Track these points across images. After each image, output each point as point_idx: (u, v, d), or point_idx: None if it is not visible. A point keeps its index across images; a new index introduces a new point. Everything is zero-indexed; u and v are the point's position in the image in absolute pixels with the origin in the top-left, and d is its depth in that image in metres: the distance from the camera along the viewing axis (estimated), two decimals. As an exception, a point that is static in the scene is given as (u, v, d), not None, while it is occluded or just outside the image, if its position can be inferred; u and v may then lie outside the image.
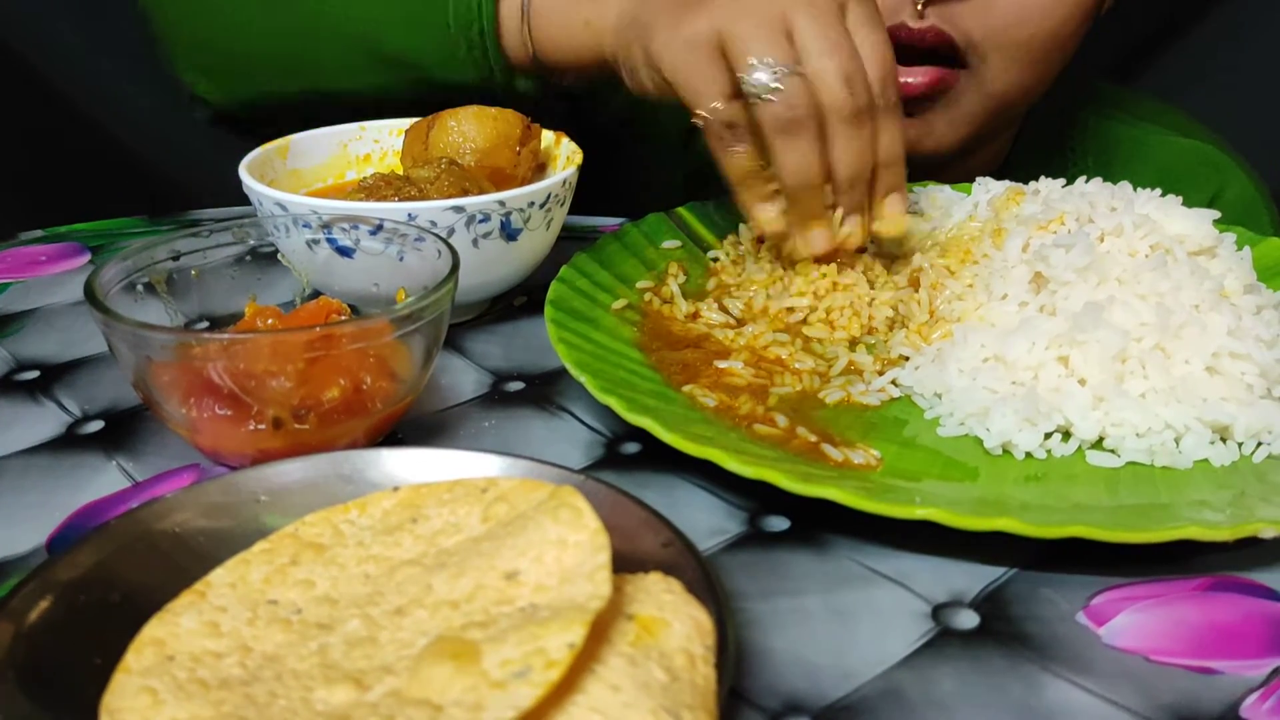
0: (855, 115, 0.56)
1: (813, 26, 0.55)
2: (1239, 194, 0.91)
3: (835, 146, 0.57)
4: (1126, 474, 0.49)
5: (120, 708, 0.32)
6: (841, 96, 0.55)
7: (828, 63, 0.55)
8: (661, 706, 0.30)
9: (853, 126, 0.56)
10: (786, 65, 0.55)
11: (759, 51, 0.55)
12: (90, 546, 0.38)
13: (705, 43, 0.57)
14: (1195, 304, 0.54)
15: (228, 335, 0.47)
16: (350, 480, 0.42)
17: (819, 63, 0.55)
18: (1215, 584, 0.44)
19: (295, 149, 0.69)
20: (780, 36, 0.55)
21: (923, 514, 0.43)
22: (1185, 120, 0.95)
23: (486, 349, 0.63)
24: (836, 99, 0.55)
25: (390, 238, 0.55)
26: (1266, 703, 0.38)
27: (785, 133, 0.56)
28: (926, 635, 0.41)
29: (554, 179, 0.62)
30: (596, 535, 0.35)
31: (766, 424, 0.52)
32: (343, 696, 0.32)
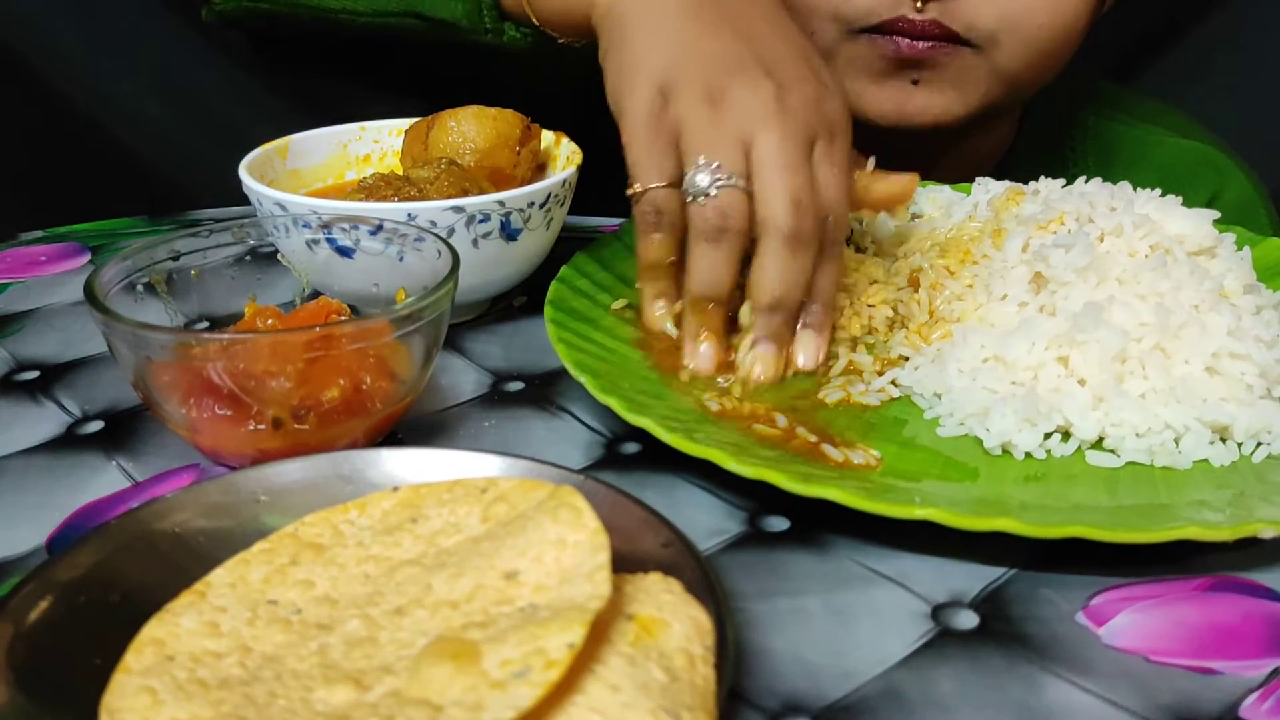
0: (795, 238, 0.54)
1: (773, 144, 0.54)
2: (1238, 195, 0.91)
3: (766, 266, 0.54)
4: (1126, 474, 0.49)
5: (120, 708, 0.32)
6: (783, 215, 0.53)
7: (778, 181, 0.53)
8: (661, 707, 0.30)
9: (789, 249, 0.54)
10: (730, 175, 0.53)
11: (711, 154, 0.54)
12: (90, 546, 0.38)
13: (668, 125, 0.55)
14: (1195, 304, 0.54)
15: (228, 335, 0.47)
16: (350, 480, 0.43)
17: (769, 178, 0.53)
18: (1215, 584, 0.44)
19: (295, 149, 0.69)
20: (737, 146, 0.54)
21: (923, 514, 0.43)
22: (1185, 121, 0.95)
23: (486, 349, 0.63)
24: (777, 217, 0.53)
25: (390, 238, 0.55)
26: (1266, 703, 0.38)
27: (708, 239, 0.54)
28: (926, 635, 0.41)
29: (554, 179, 0.62)
30: (596, 535, 0.35)
31: (766, 424, 0.52)
32: (343, 697, 0.32)
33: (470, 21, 0.74)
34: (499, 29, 0.73)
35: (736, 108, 0.54)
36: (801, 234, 0.54)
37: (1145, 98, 0.98)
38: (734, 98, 0.54)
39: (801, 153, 0.54)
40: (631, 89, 0.57)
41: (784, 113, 0.54)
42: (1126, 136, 0.93)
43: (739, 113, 0.54)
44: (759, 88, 0.55)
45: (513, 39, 0.74)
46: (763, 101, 0.54)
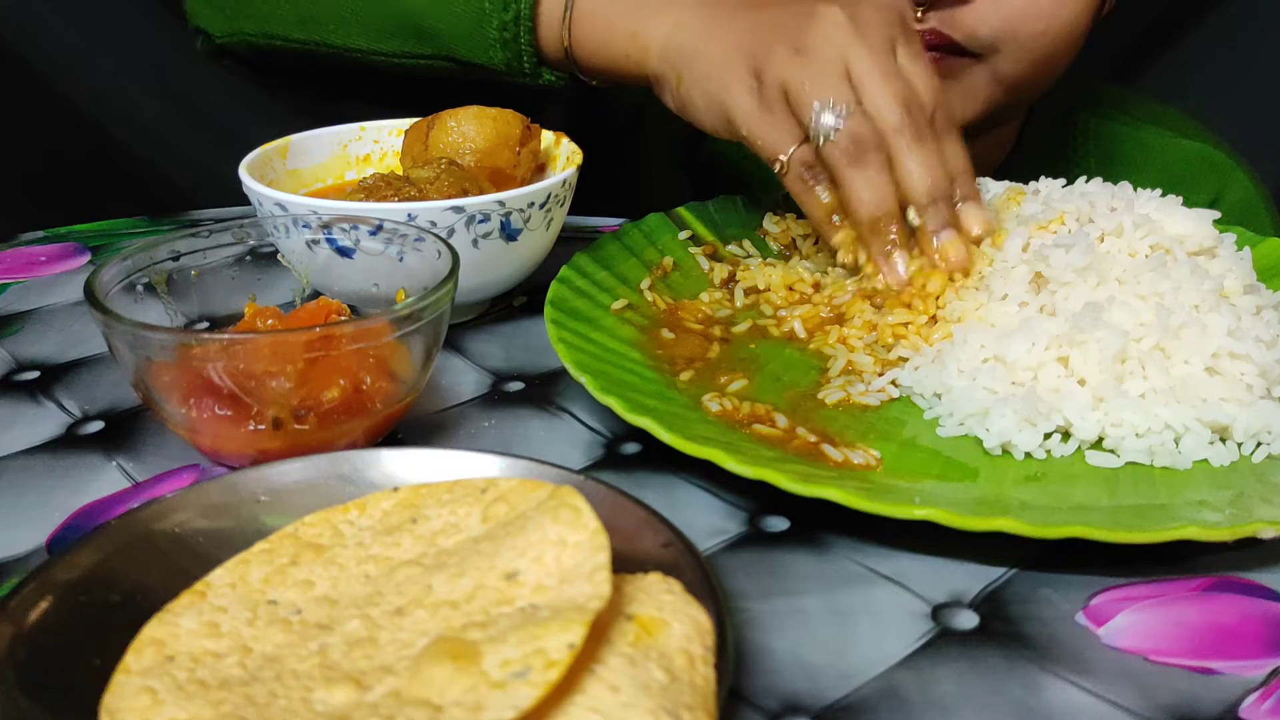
0: (918, 134, 0.58)
1: (867, 63, 0.58)
2: (1240, 196, 0.91)
3: (906, 168, 0.58)
4: (1126, 474, 0.49)
5: (120, 708, 0.32)
6: (901, 118, 0.58)
7: (885, 91, 0.58)
8: (661, 707, 0.30)
9: (918, 145, 0.58)
10: (847, 104, 0.58)
11: (821, 95, 0.58)
12: (90, 547, 0.38)
13: (772, 95, 0.59)
14: (1195, 304, 0.54)
15: (228, 335, 0.47)
16: (350, 480, 0.43)
17: (878, 94, 0.58)
18: (1215, 584, 0.44)
19: (295, 149, 0.69)
20: (839, 79, 0.58)
21: (923, 514, 0.43)
22: (1186, 121, 0.95)
23: (486, 349, 0.63)
24: (897, 122, 0.58)
25: (390, 238, 0.55)
26: (1266, 703, 0.38)
27: (853, 164, 0.58)
28: (926, 636, 0.41)
29: (554, 179, 0.62)
30: (596, 535, 0.35)
31: (766, 424, 0.52)
32: (343, 697, 0.32)
33: (508, 67, 0.74)
34: (536, 74, 0.74)
35: (821, 46, 0.59)
36: (919, 127, 0.58)
37: (1146, 98, 0.98)
38: (814, 39, 0.59)
39: (890, 59, 0.59)
40: (727, 90, 0.61)
41: (861, 29, 0.59)
42: (1128, 137, 0.93)
43: (825, 49, 0.59)
44: (829, 20, 0.59)
45: (549, 82, 0.75)
46: (839, 29, 0.59)
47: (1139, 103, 0.96)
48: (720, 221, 0.73)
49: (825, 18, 0.60)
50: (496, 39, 0.72)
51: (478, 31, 0.73)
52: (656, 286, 0.65)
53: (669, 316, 0.62)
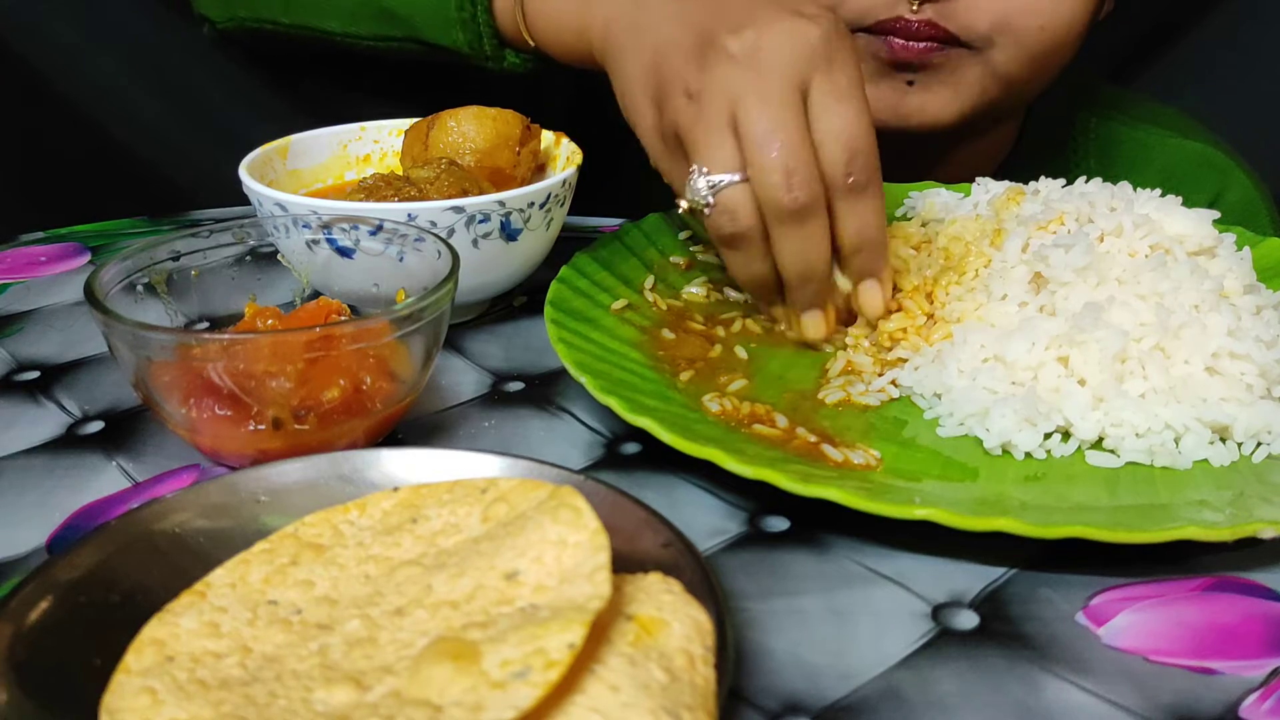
0: (795, 214, 0.52)
1: (756, 114, 0.51)
2: (1240, 196, 0.90)
3: (779, 248, 0.54)
4: (1126, 474, 0.49)
5: (120, 708, 0.32)
6: (778, 195, 0.51)
7: (766, 156, 0.51)
8: (661, 707, 0.30)
9: (794, 225, 0.52)
10: (722, 174, 0.52)
11: (700, 159, 0.52)
12: (90, 547, 0.38)
13: (670, 138, 0.55)
14: (1195, 304, 0.54)
15: (228, 335, 0.47)
16: (350, 480, 0.43)
17: (754, 157, 0.51)
18: (1215, 584, 0.44)
19: (295, 149, 0.69)
20: (722, 135, 0.52)
21: (923, 514, 0.43)
22: (1186, 121, 0.95)
23: (486, 349, 0.63)
24: (772, 198, 0.51)
25: (390, 238, 0.55)
26: (1266, 703, 0.38)
27: (726, 245, 0.55)
28: (926, 636, 0.41)
29: (554, 179, 0.62)
30: (596, 535, 0.35)
31: (766, 424, 0.52)
32: (343, 697, 0.32)
33: (471, 49, 0.74)
34: (499, 55, 0.74)
35: (711, 91, 0.52)
36: (801, 207, 0.51)
37: (1146, 98, 0.98)
38: (708, 80, 0.52)
39: (786, 111, 0.51)
40: (633, 109, 0.57)
41: (757, 72, 0.51)
42: (1128, 137, 0.92)
43: (716, 95, 0.52)
44: (727, 57, 0.52)
45: (512, 64, 0.74)
46: (735, 71, 0.51)
47: (1139, 103, 0.96)
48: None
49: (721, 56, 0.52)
50: (456, 19, 0.72)
51: (439, 12, 0.72)
52: (657, 287, 0.65)
53: (669, 316, 0.62)
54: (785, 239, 0.53)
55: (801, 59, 0.51)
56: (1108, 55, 1.13)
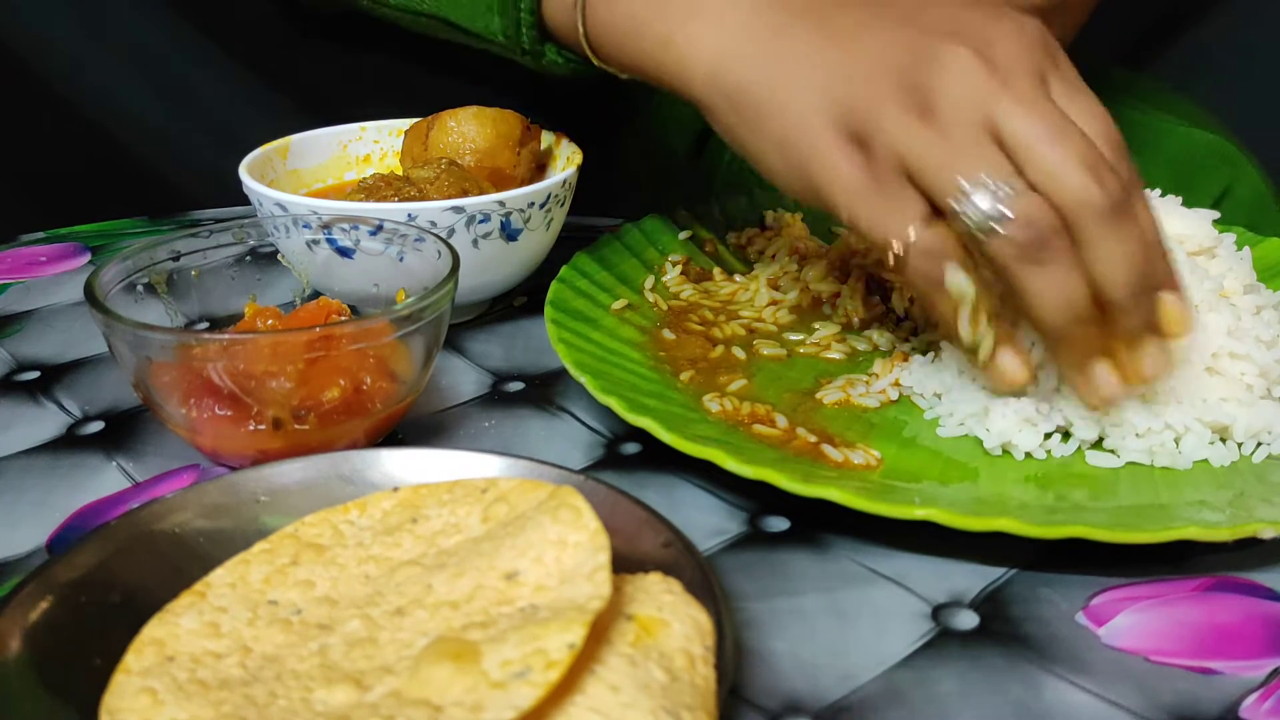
0: (1114, 209, 0.44)
1: (1025, 121, 0.44)
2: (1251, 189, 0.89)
3: (1101, 257, 0.44)
4: (1126, 474, 0.49)
5: (120, 708, 0.32)
6: (1091, 192, 0.43)
7: (1059, 155, 0.43)
8: (661, 707, 0.30)
9: (1116, 221, 0.44)
10: (1008, 181, 0.44)
11: (969, 172, 0.44)
12: (90, 547, 0.38)
13: (885, 168, 0.46)
14: (1195, 304, 0.54)
15: (228, 336, 0.47)
16: (350, 480, 0.43)
17: (1048, 159, 0.43)
18: (1215, 584, 0.44)
19: (295, 149, 0.69)
20: (987, 146, 0.44)
21: (923, 514, 0.43)
22: (1197, 111, 0.93)
23: (486, 349, 0.63)
24: (1087, 196, 0.43)
25: (390, 238, 0.55)
26: (1266, 703, 0.38)
27: (1034, 262, 0.44)
28: (926, 636, 0.41)
29: (554, 179, 0.62)
30: (596, 535, 0.35)
31: (766, 424, 0.52)
32: (343, 697, 0.32)
33: (506, 38, 0.64)
34: (538, 51, 0.63)
35: (953, 102, 0.45)
36: (1115, 197, 0.44)
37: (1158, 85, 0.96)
38: (941, 91, 0.45)
39: (1050, 106, 0.45)
40: (814, 152, 0.47)
41: (1004, 74, 0.45)
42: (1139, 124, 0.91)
43: (961, 107, 0.45)
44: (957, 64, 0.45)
45: (553, 63, 0.64)
46: (973, 75, 0.45)
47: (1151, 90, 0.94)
48: (721, 222, 0.73)
49: (951, 61, 0.45)
50: (494, 3, 0.62)
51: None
52: (657, 287, 0.65)
53: (669, 316, 0.62)
54: (1111, 241, 0.44)
55: (1037, 55, 0.46)
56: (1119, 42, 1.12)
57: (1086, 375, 0.48)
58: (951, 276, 0.46)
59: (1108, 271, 0.45)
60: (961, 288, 0.47)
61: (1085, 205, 0.44)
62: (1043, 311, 0.46)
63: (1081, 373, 0.48)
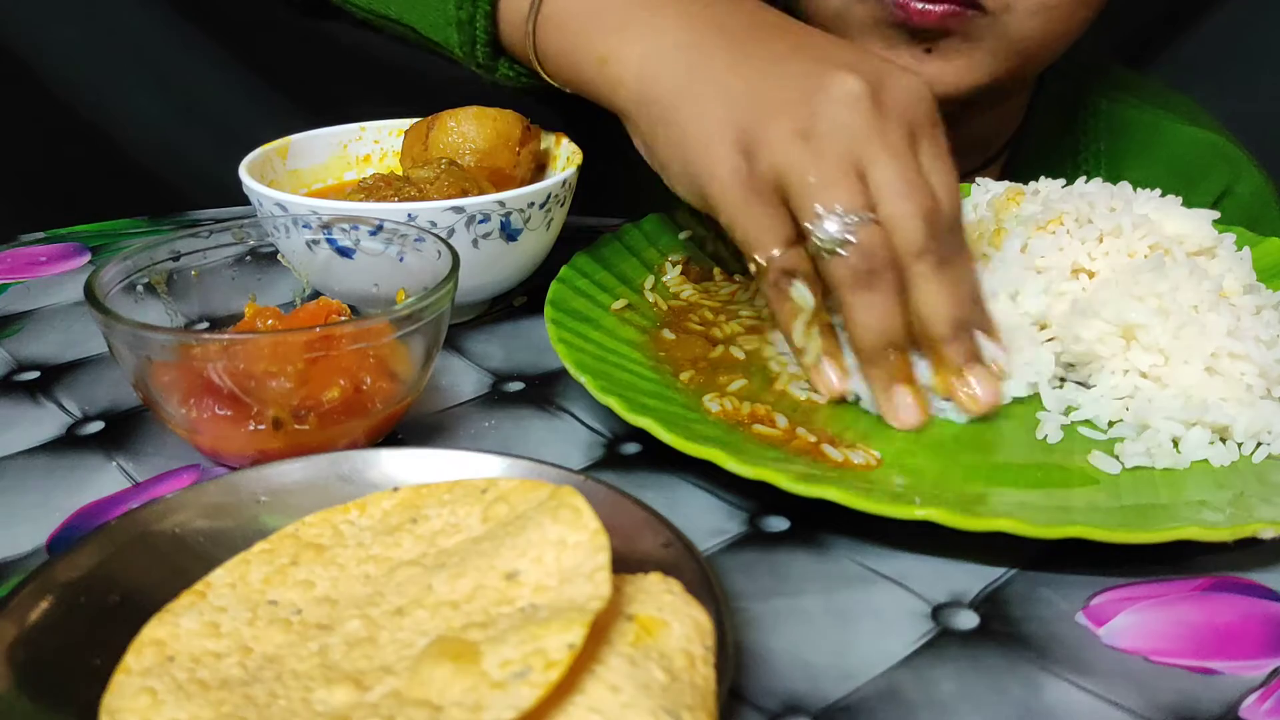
0: (941, 261, 0.50)
1: (888, 168, 0.49)
2: (1252, 189, 0.89)
3: (923, 297, 0.50)
4: (1126, 475, 0.49)
5: (120, 708, 0.32)
6: (924, 239, 0.49)
7: (906, 205, 0.49)
8: (661, 707, 0.30)
9: (940, 269, 0.50)
10: (858, 213, 0.49)
11: (828, 199, 0.49)
12: (90, 547, 0.38)
13: (763, 182, 0.50)
14: (1194, 304, 0.54)
15: (228, 336, 0.47)
16: (350, 480, 0.43)
17: (897, 206, 0.49)
18: (1215, 584, 0.44)
19: (295, 149, 0.69)
20: (850, 178, 0.49)
21: (923, 514, 0.43)
22: (1198, 110, 0.93)
23: (486, 349, 0.63)
24: (918, 242, 0.49)
25: (390, 238, 0.55)
26: (1266, 703, 0.38)
27: (863, 287, 0.50)
28: (926, 636, 0.41)
29: (554, 179, 0.62)
30: (596, 536, 0.35)
31: (766, 424, 0.52)
32: (343, 697, 0.32)
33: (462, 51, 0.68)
34: (491, 65, 0.67)
35: (832, 132, 0.50)
36: (943, 250, 0.50)
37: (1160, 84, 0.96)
38: (826, 121, 0.50)
39: (912, 161, 0.50)
40: (708, 162, 0.52)
41: (882, 117, 0.50)
42: (1140, 121, 0.91)
43: (837, 137, 0.50)
44: (846, 99, 0.50)
45: (505, 77, 0.68)
46: (858, 115, 0.50)
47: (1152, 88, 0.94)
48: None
49: (841, 94, 0.49)
50: (453, 18, 0.66)
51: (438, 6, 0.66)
52: (657, 287, 0.65)
53: (669, 316, 0.62)
54: (935, 283, 0.50)
55: (919, 113, 0.51)
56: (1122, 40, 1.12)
57: (888, 395, 0.52)
58: (797, 290, 0.52)
59: (927, 309, 0.51)
60: (803, 300, 0.52)
61: (919, 250, 0.49)
62: (861, 331, 0.51)
63: (885, 393, 0.52)
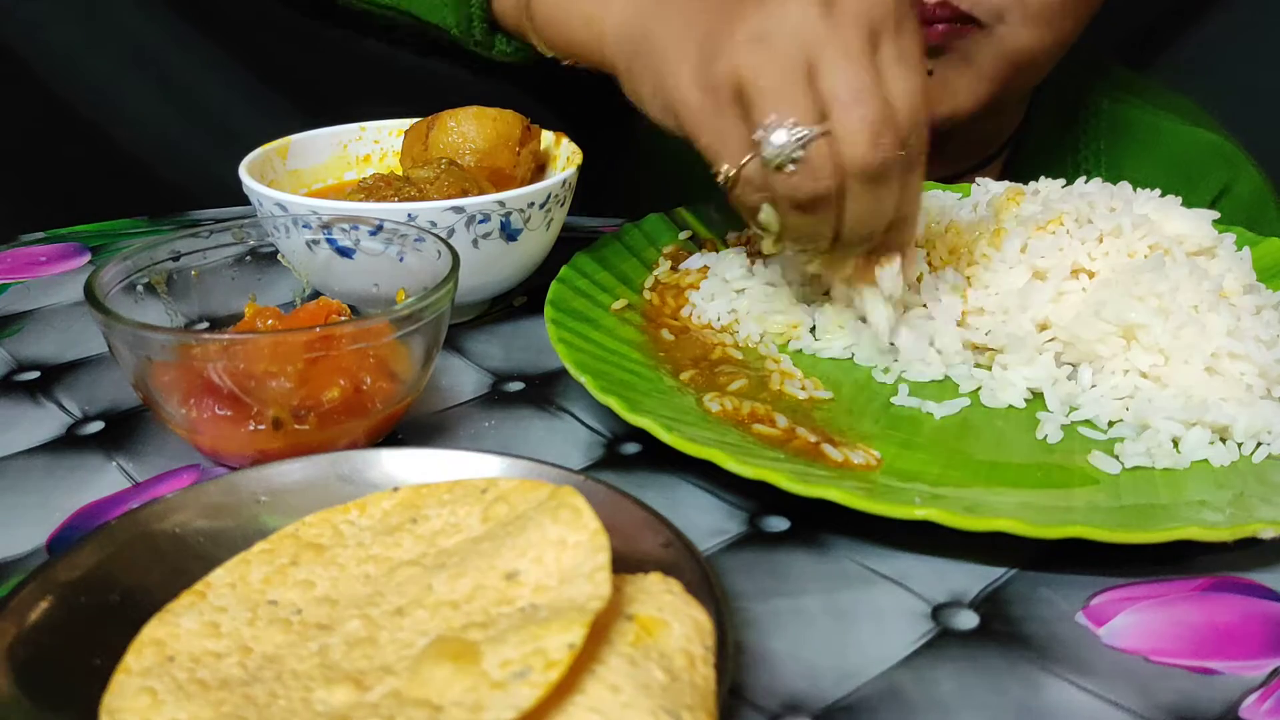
0: (878, 176, 0.50)
1: (839, 69, 0.48)
2: (1251, 189, 0.89)
3: (851, 207, 0.51)
4: (1127, 475, 0.49)
5: (120, 708, 0.32)
6: (866, 156, 0.49)
7: (854, 115, 0.48)
8: (661, 707, 0.30)
9: (873, 187, 0.50)
10: (807, 127, 0.48)
11: (778, 105, 0.49)
12: (90, 547, 0.38)
13: (724, 89, 0.50)
14: (1194, 304, 0.54)
15: (228, 336, 0.47)
16: (350, 480, 0.43)
17: (845, 115, 0.48)
18: (1215, 584, 0.44)
19: (295, 149, 0.69)
20: (801, 83, 0.49)
21: (923, 514, 0.43)
22: (1198, 111, 0.93)
23: (486, 349, 0.63)
24: (860, 159, 0.49)
25: (390, 238, 0.55)
26: (1266, 703, 0.38)
27: (803, 208, 0.51)
28: (926, 636, 0.41)
29: (554, 179, 0.62)
30: (596, 536, 0.35)
31: (766, 424, 0.52)
32: (343, 697, 0.32)
33: (459, 30, 0.71)
34: (488, 41, 0.70)
35: (784, 33, 0.48)
36: (884, 168, 0.49)
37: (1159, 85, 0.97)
38: (778, 22, 0.49)
39: (867, 65, 0.49)
40: (673, 79, 0.52)
41: (835, 21, 0.48)
42: (1139, 122, 0.91)
43: (788, 38, 0.48)
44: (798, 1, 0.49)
45: (502, 52, 0.71)
46: (808, 14, 0.48)
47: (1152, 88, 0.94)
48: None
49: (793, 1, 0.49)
50: None
51: None
52: (658, 286, 0.65)
53: (670, 317, 0.62)
54: (861, 199, 0.51)
55: (877, 16, 0.49)
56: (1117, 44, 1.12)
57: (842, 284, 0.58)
58: (765, 212, 0.53)
59: (849, 220, 0.52)
60: (769, 222, 0.53)
61: (856, 165, 0.49)
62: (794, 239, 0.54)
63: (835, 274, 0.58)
